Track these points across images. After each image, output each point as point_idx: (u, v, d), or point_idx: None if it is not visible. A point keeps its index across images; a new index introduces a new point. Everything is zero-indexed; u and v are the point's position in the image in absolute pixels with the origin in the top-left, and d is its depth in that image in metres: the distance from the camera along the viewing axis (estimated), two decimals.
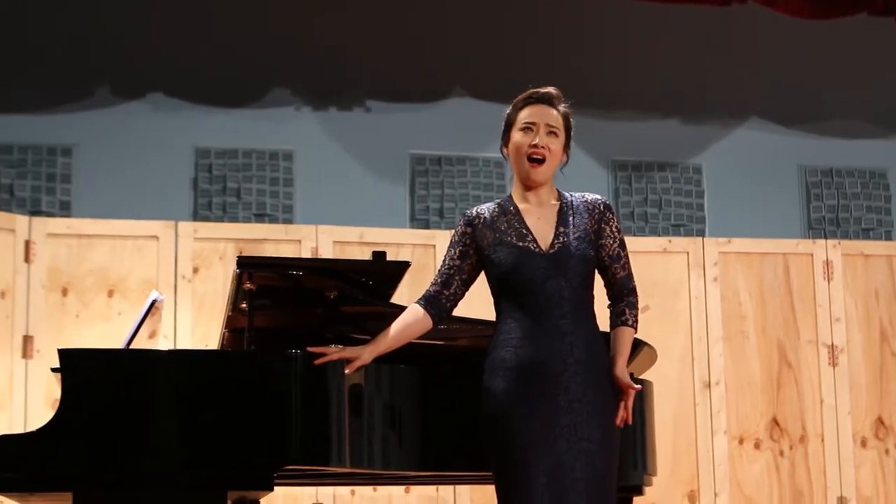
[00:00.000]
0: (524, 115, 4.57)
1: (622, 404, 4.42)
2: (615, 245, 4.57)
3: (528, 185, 4.56)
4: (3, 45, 8.24)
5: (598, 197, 4.62)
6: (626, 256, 4.60)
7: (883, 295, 8.00)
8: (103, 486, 4.31)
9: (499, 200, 4.64)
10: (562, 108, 4.60)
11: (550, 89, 4.62)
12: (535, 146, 4.50)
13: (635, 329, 4.57)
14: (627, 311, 4.56)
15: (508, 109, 4.63)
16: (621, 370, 4.46)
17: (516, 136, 4.56)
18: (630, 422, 4.45)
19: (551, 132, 4.54)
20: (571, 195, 4.60)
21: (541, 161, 4.51)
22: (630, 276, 4.60)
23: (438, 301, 4.57)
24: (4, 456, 4.31)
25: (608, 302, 4.60)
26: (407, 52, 8.68)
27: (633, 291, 4.60)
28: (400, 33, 8.68)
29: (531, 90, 4.62)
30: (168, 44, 8.41)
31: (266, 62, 8.56)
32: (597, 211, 4.56)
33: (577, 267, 4.47)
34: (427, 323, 4.57)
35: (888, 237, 8.97)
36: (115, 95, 8.41)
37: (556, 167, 4.58)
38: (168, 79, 8.45)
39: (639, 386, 4.47)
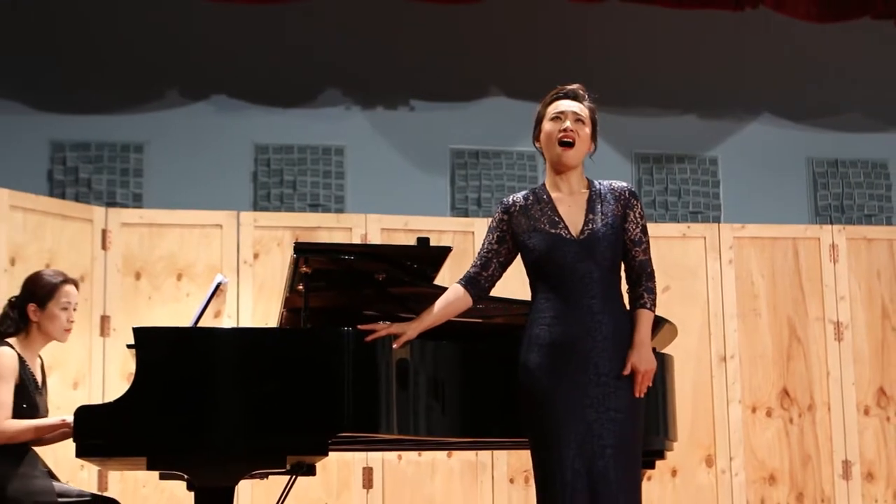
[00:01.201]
0: (552, 108, 4.57)
1: (637, 379, 4.41)
2: (637, 230, 4.55)
3: (560, 170, 4.55)
4: (82, 52, 8.27)
5: (624, 184, 4.61)
6: (647, 241, 4.58)
7: (884, 275, 7.96)
8: (174, 450, 4.33)
9: (534, 188, 4.63)
10: (586, 102, 4.60)
11: (576, 86, 4.62)
12: (565, 130, 4.50)
13: (653, 311, 4.55)
14: (646, 294, 4.54)
15: (539, 107, 4.63)
16: (636, 351, 4.43)
17: (547, 125, 4.56)
18: (642, 395, 4.44)
19: (578, 120, 4.54)
20: (600, 183, 4.58)
21: (571, 144, 4.50)
22: (649, 260, 4.58)
23: (478, 281, 4.58)
24: (85, 424, 4.33)
25: (627, 286, 4.58)
26: (448, 55, 8.67)
27: (651, 275, 4.58)
28: (441, 39, 8.67)
29: (558, 88, 4.62)
30: (230, 50, 8.43)
31: (319, 65, 8.57)
32: (623, 198, 4.55)
33: (605, 251, 4.46)
34: (467, 301, 4.58)
35: (889, 222, 8.91)
36: (182, 97, 8.43)
37: (585, 153, 4.56)
38: (230, 81, 8.47)
39: (649, 368, 4.44)
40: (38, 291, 5.03)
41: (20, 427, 4.84)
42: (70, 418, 4.44)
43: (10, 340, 4.99)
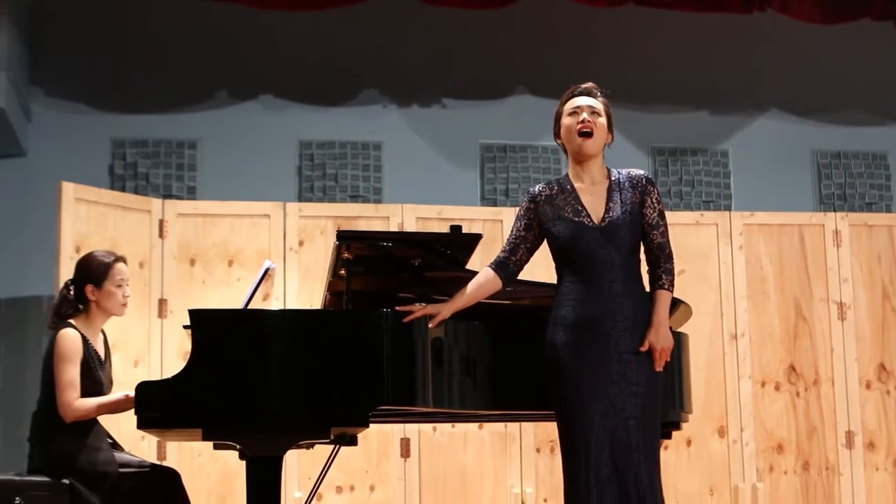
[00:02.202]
0: (570, 105, 4.58)
1: (655, 356, 4.40)
2: (654, 214, 4.54)
3: (581, 160, 4.54)
4: (141, 57, 8.29)
5: (641, 172, 4.60)
6: (665, 225, 4.56)
7: (885, 259, 7.92)
8: (227, 422, 4.35)
9: (558, 178, 4.62)
10: (600, 97, 4.60)
11: (589, 84, 4.64)
12: (583, 122, 4.50)
13: (671, 291, 4.54)
14: (664, 276, 4.53)
15: (557, 106, 4.63)
16: (654, 331, 4.42)
17: (566, 120, 4.56)
18: (660, 369, 4.43)
19: (594, 113, 4.54)
20: (619, 172, 4.57)
21: (589, 134, 4.50)
22: (667, 242, 4.57)
23: (507, 265, 4.58)
24: (145, 399, 4.35)
25: (647, 268, 4.57)
26: (477, 58, 8.65)
27: (669, 257, 4.57)
28: (471, 43, 8.66)
29: (573, 86, 4.63)
30: (276, 54, 8.44)
31: (358, 67, 8.57)
32: (640, 185, 4.54)
33: (625, 238, 4.45)
34: (497, 283, 4.58)
35: (888, 210, 8.88)
36: (232, 97, 8.45)
37: (603, 142, 4.55)
38: (276, 82, 8.48)
39: (666, 346, 4.42)
40: (93, 272, 5.04)
41: (88, 407, 4.87)
42: (131, 393, 4.46)
43: (73, 321, 5.01)
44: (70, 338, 4.90)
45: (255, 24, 8.32)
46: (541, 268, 4.78)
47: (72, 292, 5.05)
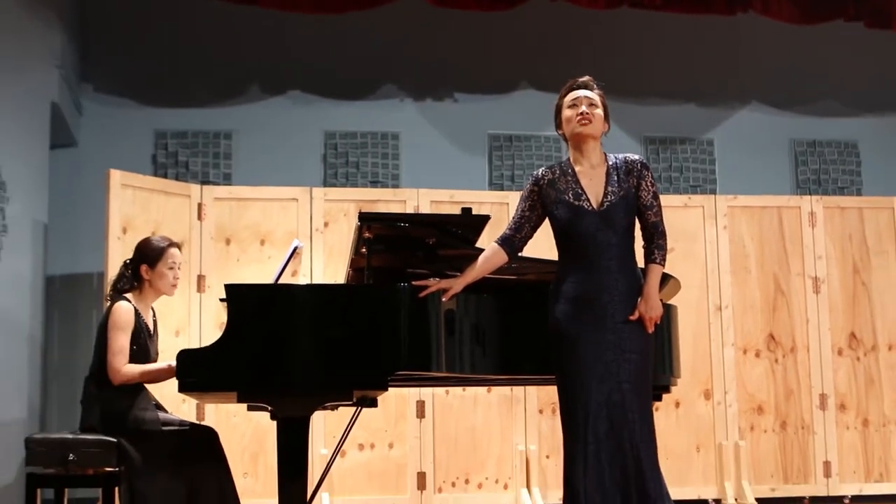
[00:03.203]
0: (568, 98, 4.54)
1: (645, 322, 4.39)
2: (649, 196, 4.51)
3: (580, 142, 4.50)
4: (181, 56, 8.29)
5: (637, 157, 4.56)
6: (659, 205, 4.54)
7: (855, 238, 7.88)
8: (260, 386, 4.35)
9: (560, 162, 4.59)
10: (597, 90, 4.56)
11: (586, 78, 4.59)
12: (582, 114, 4.47)
13: (663, 266, 4.52)
14: (657, 251, 4.51)
15: (557, 99, 4.60)
16: (645, 299, 4.40)
17: (566, 112, 4.53)
18: (651, 331, 4.41)
19: (592, 104, 4.50)
20: (616, 157, 4.54)
21: (588, 123, 4.47)
22: (661, 221, 4.54)
23: (512, 241, 4.56)
24: (186, 365, 4.35)
25: (643, 243, 4.55)
26: (485, 56, 8.64)
27: (663, 234, 4.55)
28: (480, 42, 8.64)
29: (572, 80, 4.59)
30: (303, 53, 8.43)
31: (377, 65, 8.55)
32: (636, 169, 4.51)
33: (621, 221, 4.43)
34: (503, 257, 4.57)
35: (859, 193, 8.85)
36: (263, 92, 8.44)
37: (600, 129, 4.52)
38: (303, 79, 8.47)
39: (655, 314, 4.40)
40: (149, 254, 5.07)
41: (133, 372, 4.88)
42: (174, 362, 4.46)
43: (128, 295, 5.03)
44: (124, 310, 4.92)
45: (284, 26, 8.31)
46: (543, 245, 4.76)
47: (129, 271, 5.08)
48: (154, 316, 5.19)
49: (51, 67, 7.32)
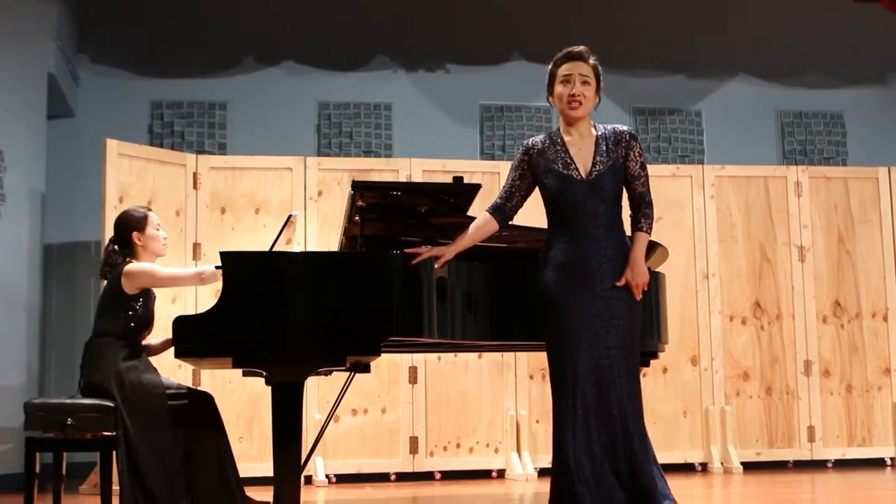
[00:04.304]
0: (562, 70, 4.49)
1: (631, 288, 4.39)
2: (637, 166, 4.49)
3: (570, 123, 4.50)
4: (176, 28, 8.26)
5: (626, 128, 4.53)
6: (646, 176, 4.52)
7: (840, 208, 7.89)
8: (255, 351, 4.34)
9: (549, 133, 4.57)
10: (591, 61, 4.52)
11: (581, 48, 4.53)
12: (573, 95, 4.43)
13: (649, 234, 4.51)
14: (643, 220, 4.49)
15: (550, 66, 4.55)
16: (631, 266, 4.39)
17: (558, 87, 4.49)
18: (639, 297, 4.41)
19: (585, 81, 4.46)
20: (605, 128, 4.52)
21: (578, 103, 4.44)
22: (648, 191, 4.52)
23: (503, 210, 4.54)
24: (182, 331, 4.34)
25: (630, 213, 4.54)
26: (477, 27, 8.61)
27: (650, 204, 4.53)
28: (471, 14, 8.61)
29: (567, 49, 4.54)
30: (297, 24, 8.40)
31: (370, 37, 8.53)
32: (624, 140, 4.49)
33: (609, 190, 4.41)
34: (494, 225, 4.55)
35: (844, 164, 8.87)
36: (258, 63, 8.42)
37: (591, 108, 4.50)
38: (297, 50, 8.45)
39: (641, 281, 4.40)
40: (135, 223, 5.10)
41: (169, 273, 5.12)
42: (213, 268, 4.73)
43: None
44: (138, 262, 4.98)
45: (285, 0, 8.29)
46: (533, 214, 4.75)
47: (117, 246, 5.08)
48: None
49: (48, 39, 7.29)
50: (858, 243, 7.86)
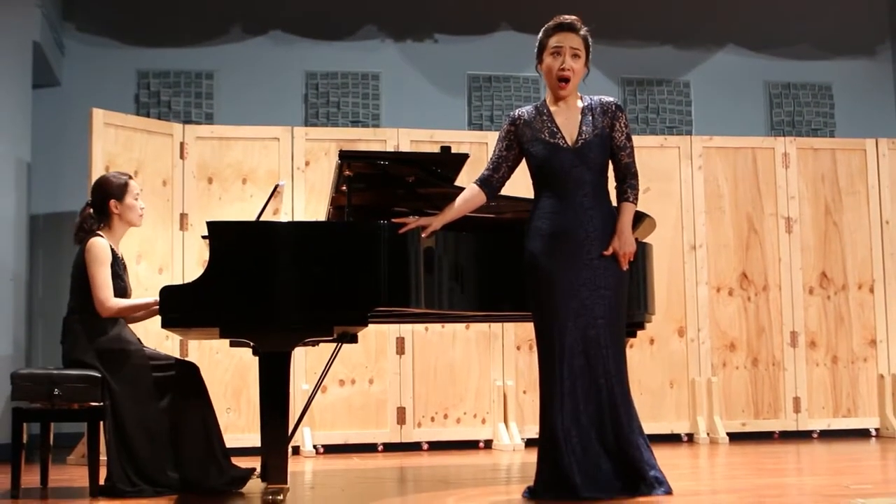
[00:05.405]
0: (553, 42, 4.48)
1: (619, 258, 4.39)
2: (623, 137, 4.50)
3: (558, 97, 4.49)
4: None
5: (612, 99, 4.55)
6: (632, 147, 4.53)
7: (827, 179, 7.89)
8: (242, 321, 4.33)
9: (536, 104, 4.57)
10: (582, 32, 4.51)
11: (573, 18, 4.52)
12: (563, 69, 4.43)
13: (635, 204, 4.53)
14: (629, 190, 4.51)
15: (540, 34, 4.54)
16: (618, 236, 4.40)
17: (547, 59, 4.48)
18: (625, 268, 4.42)
19: (575, 54, 4.46)
20: (591, 98, 4.52)
21: (567, 80, 4.44)
22: (633, 162, 4.54)
23: (490, 182, 4.55)
24: (169, 301, 4.33)
25: (615, 184, 4.54)
26: None
27: (635, 175, 4.54)
28: None
29: (558, 19, 4.52)
30: None
31: (358, 5, 8.49)
32: (610, 111, 4.49)
33: (596, 158, 4.42)
34: (482, 197, 4.56)
35: (832, 135, 8.86)
36: (245, 32, 8.37)
37: (579, 82, 4.50)
38: (284, 19, 8.40)
39: (628, 250, 4.40)
40: (114, 190, 5.06)
41: (122, 305, 4.87)
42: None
43: (99, 233, 5.00)
44: (101, 245, 4.90)
45: None
46: (521, 184, 4.74)
47: (93, 211, 5.05)
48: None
49: (32, 7, 7.23)
50: (845, 215, 7.87)
